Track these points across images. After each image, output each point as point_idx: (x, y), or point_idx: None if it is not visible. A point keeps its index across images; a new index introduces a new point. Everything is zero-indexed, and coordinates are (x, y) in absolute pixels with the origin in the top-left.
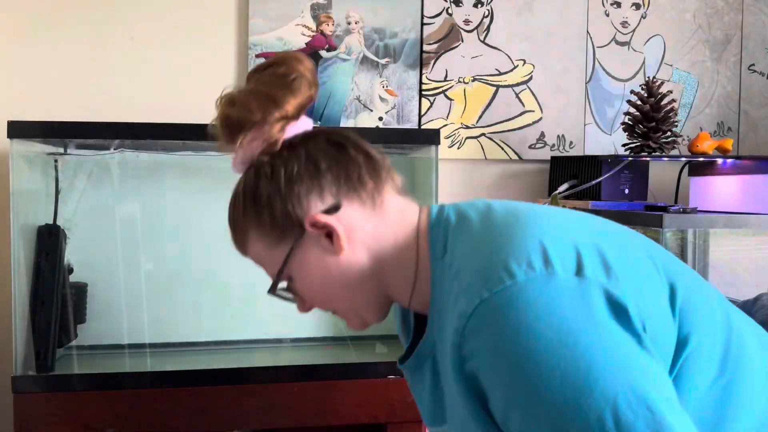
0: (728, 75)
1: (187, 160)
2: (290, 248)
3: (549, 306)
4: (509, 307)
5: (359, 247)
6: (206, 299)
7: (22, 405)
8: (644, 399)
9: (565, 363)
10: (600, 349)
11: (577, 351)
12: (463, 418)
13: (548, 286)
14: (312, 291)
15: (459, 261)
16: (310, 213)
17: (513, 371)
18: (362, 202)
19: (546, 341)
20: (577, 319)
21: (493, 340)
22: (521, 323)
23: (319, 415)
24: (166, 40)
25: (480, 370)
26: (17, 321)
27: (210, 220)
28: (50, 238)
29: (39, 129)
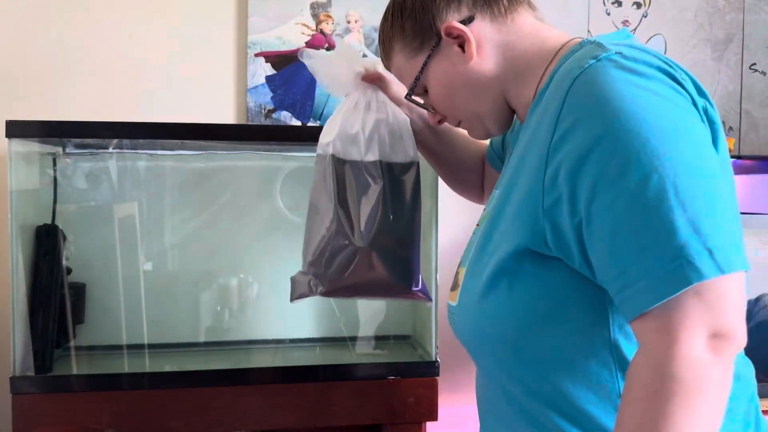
0: (729, 74)
1: (187, 160)
2: (427, 56)
3: (634, 74)
4: (597, 74)
5: (488, 56)
6: (205, 299)
7: (21, 406)
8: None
9: (651, 118)
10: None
11: (660, 113)
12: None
13: (635, 63)
14: (443, 98)
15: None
16: (447, 22)
17: (606, 122)
18: (494, 17)
19: (635, 97)
20: (659, 89)
21: (587, 102)
22: (609, 84)
23: (318, 416)
24: (164, 38)
25: (571, 138)
26: (15, 321)
27: (209, 220)
28: (49, 238)
29: (37, 129)
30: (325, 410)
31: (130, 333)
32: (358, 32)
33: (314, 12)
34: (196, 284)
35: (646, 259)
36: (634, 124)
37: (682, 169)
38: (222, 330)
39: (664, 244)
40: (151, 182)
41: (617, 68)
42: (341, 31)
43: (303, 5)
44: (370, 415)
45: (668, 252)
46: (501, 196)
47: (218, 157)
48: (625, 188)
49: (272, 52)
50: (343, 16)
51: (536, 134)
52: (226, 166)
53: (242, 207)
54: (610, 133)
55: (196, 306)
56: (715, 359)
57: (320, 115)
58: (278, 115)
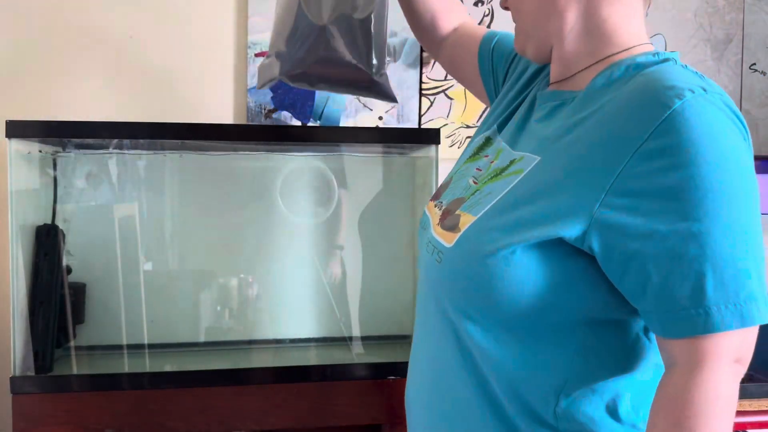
0: (729, 74)
1: (187, 160)
2: None
3: (718, 119)
4: (694, 113)
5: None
6: (205, 299)
7: (21, 406)
8: None
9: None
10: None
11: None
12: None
13: (725, 106)
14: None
15: (651, 74)
16: None
17: (696, 164)
18: None
19: (723, 149)
20: (737, 142)
21: (685, 140)
22: (704, 128)
23: (318, 416)
24: (164, 38)
25: (662, 161)
26: (15, 321)
27: (209, 220)
28: (49, 238)
29: (37, 128)
30: (325, 410)
31: (130, 333)
32: None
33: None
34: (196, 284)
35: (716, 292)
36: (730, 177)
37: (751, 223)
38: (222, 330)
39: (739, 285)
40: (150, 182)
41: (716, 109)
42: None
43: None
44: (370, 415)
45: (740, 293)
46: (543, 166)
47: (218, 157)
48: (712, 223)
49: None
50: None
51: (612, 128)
52: (226, 166)
53: (242, 207)
54: (702, 175)
55: (196, 306)
56: (733, 379)
57: (320, 115)
58: (278, 115)
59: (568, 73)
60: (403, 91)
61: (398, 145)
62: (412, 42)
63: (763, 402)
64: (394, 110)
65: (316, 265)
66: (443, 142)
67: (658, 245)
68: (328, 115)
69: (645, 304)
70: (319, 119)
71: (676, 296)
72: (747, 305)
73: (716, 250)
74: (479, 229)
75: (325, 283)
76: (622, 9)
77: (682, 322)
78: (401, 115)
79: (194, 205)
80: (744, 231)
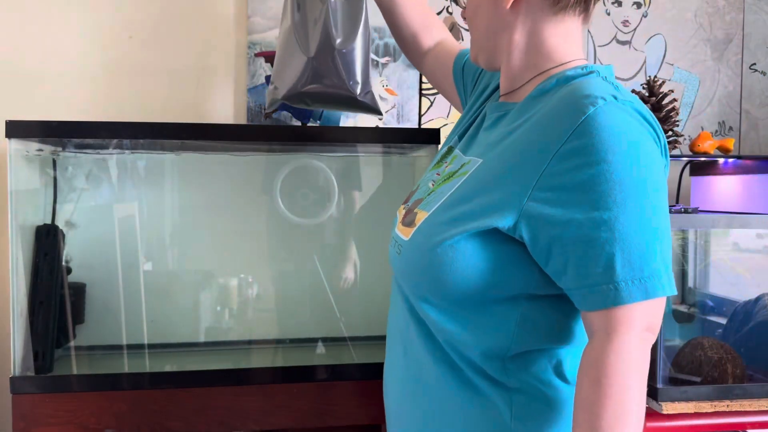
0: (729, 74)
1: (187, 160)
2: None
3: (624, 121)
4: (605, 117)
5: (517, 18)
6: (205, 299)
7: (21, 406)
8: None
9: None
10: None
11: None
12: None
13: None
14: (471, 13)
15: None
16: None
17: (605, 161)
18: (551, 4)
19: (627, 144)
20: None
21: (596, 141)
22: (612, 129)
23: (318, 416)
24: (164, 38)
25: (578, 158)
26: (15, 321)
27: (209, 220)
28: (48, 238)
29: (37, 129)
30: (325, 410)
31: (130, 333)
32: None
33: None
34: (196, 284)
35: (623, 269)
36: (635, 171)
37: (655, 209)
38: (222, 330)
39: (644, 263)
40: (150, 182)
41: (624, 114)
42: None
43: None
44: (369, 415)
45: (644, 270)
46: (484, 168)
47: (218, 157)
48: (620, 210)
49: (272, 52)
50: None
51: (539, 133)
52: (226, 166)
53: (242, 207)
54: (611, 170)
55: (196, 306)
56: (643, 345)
57: (320, 115)
58: (278, 115)
59: (514, 86)
60: (403, 91)
61: (398, 145)
62: None
63: (763, 402)
64: (394, 110)
65: (316, 264)
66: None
67: (575, 231)
68: (328, 115)
69: (567, 282)
70: (319, 119)
71: (591, 274)
72: (651, 280)
73: (624, 234)
74: (430, 224)
75: (325, 283)
76: (561, 29)
77: (597, 296)
78: (401, 115)
79: (194, 205)
80: (649, 217)
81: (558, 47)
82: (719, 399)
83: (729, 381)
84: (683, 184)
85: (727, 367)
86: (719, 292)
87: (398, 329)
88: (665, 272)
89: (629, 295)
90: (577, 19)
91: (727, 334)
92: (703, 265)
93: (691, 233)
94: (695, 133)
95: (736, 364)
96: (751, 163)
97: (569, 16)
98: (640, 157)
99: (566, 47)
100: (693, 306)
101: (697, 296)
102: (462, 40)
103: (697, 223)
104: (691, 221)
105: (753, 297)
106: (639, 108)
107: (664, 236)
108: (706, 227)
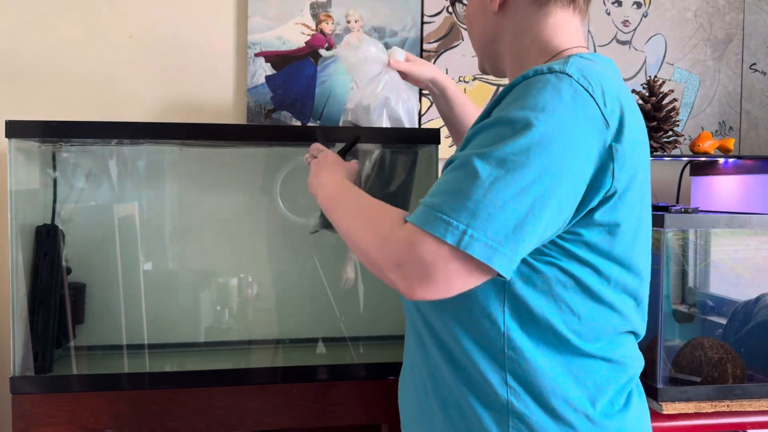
0: (729, 74)
1: (187, 160)
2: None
3: (556, 87)
4: (540, 82)
5: (506, 19)
6: (205, 299)
7: (20, 406)
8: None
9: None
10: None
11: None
12: None
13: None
14: (468, 25)
15: None
16: None
17: (521, 96)
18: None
19: (545, 99)
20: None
21: (522, 86)
22: (539, 85)
23: (318, 416)
24: (165, 38)
25: (504, 98)
26: (15, 321)
27: (209, 219)
28: (48, 238)
29: (37, 129)
30: (325, 410)
31: (130, 333)
32: (357, 32)
33: (314, 12)
34: (196, 284)
35: (451, 201)
36: (534, 130)
37: (530, 171)
38: (222, 330)
39: (466, 200)
40: (150, 182)
41: (559, 81)
42: (341, 31)
43: (303, 5)
44: (370, 415)
45: (465, 208)
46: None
47: (218, 157)
48: (496, 149)
49: (272, 52)
50: (343, 16)
51: (495, 100)
52: (226, 166)
53: (242, 207)
54: (516, 119)
55: (196, 306)
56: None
57: (320, 115)
58: (278, 115)
59: None
60: None
61: (398, 145)
62: (412, 41)
63: (763, 402)
64: None
65: (316, 264)
66: (443, 142)
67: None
68: (328, 114)
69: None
70: (319, 119)
71: (428, 193)
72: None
73: (451, 180)
74: None
75: (325, 283)
76: (551, 22)
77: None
78: None
79: (194, 205)
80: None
81: (552, 40)
82: (719, 399)
83: (729, 381)
84: (683, 184)
85: (727, 367)
86: (719, 292)
87: (408, 339)
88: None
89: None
90: (567, 9)
91: (727, 334)
92: (703, 265)
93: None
94: (695, 133)
95: (736, 364)
96: (751, 163)
97: (558, 8)
98: (550, 117)
99: (561, 39)
100: (693, 306)
101: (697, 296)
102: (462, 39)
103: (697, 223)
104: (691, 221)
105: (753, 297)
106: (583, 82)
107: (519, 199)
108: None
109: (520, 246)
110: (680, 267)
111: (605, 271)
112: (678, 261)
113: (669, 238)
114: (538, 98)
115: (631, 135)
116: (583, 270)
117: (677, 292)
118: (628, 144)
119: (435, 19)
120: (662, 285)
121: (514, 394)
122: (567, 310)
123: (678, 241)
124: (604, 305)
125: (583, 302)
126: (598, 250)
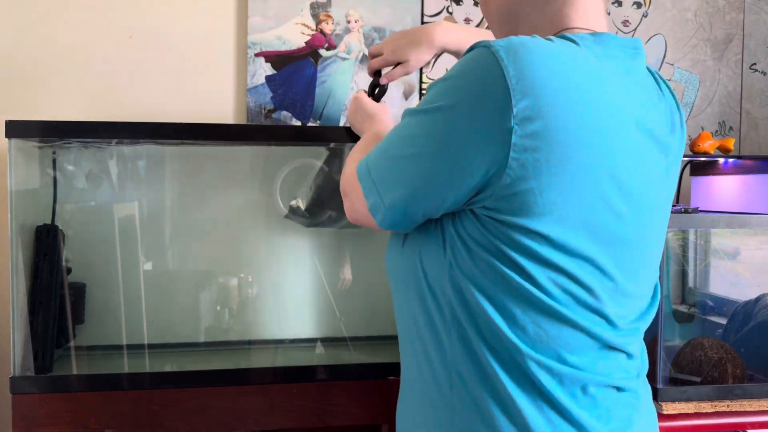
0: (730, 74)
1: (187, 160)
2: None
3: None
4: (473, 54)
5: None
6: (205, 299)
7: (20, 406)
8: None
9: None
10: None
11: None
12: None
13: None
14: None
15: None
16: None
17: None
18: None
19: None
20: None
21: (458, 65)
22: (465, 62)
23: (318, 416)
24: (164, 38)
25: None
26: (15, 321)
27: (210, 219)
28: (48, 239)
29: (37, 129)
30: (325, 410)
31: (130, 333)
32: (358, 32)
33: (314, 12)
34: (196, 284)
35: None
36: (443, 100)
37: (433, 137)
38: (222, 330)
39: (388, 162)
40: (150, 182)
41: (490, 54)
42: (341, 31)
43: (303, 5)
44: (370, 415)
45: (385, 172)
46: None
47: (217, 157)
48: (414, 118)
49: (272, 52)
50: (343, 16)
51: None
52: (226, 166)
53: (242, 207)
54: (434, 88)
55: (196, 306)
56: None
57: (320, 115)
58: (278, 115)
59: None
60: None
61: None
62: None
63: (763, 402)
64: (394, 109)
65: (316, 264)
66: None
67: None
68: (328, 114)
69: None
70: (319, 119)
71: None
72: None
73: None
74: None
75: (325, 283)
76: (547, 5)
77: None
78: None
79: (194, 206)
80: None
81: (565, 16)
82: (719, 399)
83: (729, 381)
84: (683, 184)
85: (727, 367)
86: (719, 292)
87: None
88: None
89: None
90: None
91: (727, 334)
92: (703, 265)
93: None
94: (695, 133)
95: (736, 364)
96: (751, 163)
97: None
98: (461, 86)
99: (573, 17)
100: (693, 306)
101: (697, 296)
102: None
103: (697, 223)
104: (691, 221)
105: (753, 297)
106: (503, 52)
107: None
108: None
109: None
110: (680, 267)
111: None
112: (678, 261)
113: (669, 238)
114: (452, 70)
115: (572, 121)
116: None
117: (677, 292)
118: (557, 130)
119: (435, 19)
120: (662, 285)
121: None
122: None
123: (678, 241)
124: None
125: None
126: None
